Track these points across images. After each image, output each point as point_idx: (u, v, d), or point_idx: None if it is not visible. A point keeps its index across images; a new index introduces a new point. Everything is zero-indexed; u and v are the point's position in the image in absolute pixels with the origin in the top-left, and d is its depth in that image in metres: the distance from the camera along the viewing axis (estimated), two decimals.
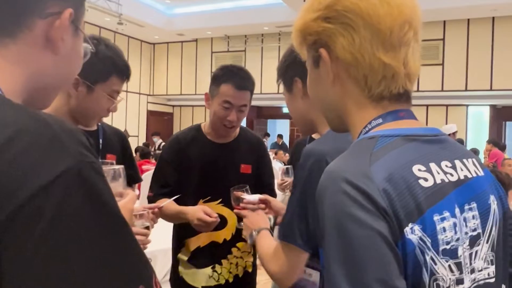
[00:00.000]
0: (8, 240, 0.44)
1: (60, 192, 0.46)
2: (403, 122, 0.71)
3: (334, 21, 0.71)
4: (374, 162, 0.63)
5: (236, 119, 1.75)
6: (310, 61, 0.80)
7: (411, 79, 0.73)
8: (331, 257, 0.60)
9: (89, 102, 1.33)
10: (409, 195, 0.62)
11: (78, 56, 0.66)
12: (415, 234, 0.61)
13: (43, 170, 0.46)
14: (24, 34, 0.57)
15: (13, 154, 0.46)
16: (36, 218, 0.44)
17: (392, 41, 0.69)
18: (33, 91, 0.60)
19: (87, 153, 0.50)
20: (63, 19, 0.59)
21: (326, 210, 0.62)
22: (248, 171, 1.84)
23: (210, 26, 10.74)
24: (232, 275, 1.81)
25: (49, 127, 0.49)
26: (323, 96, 0.79)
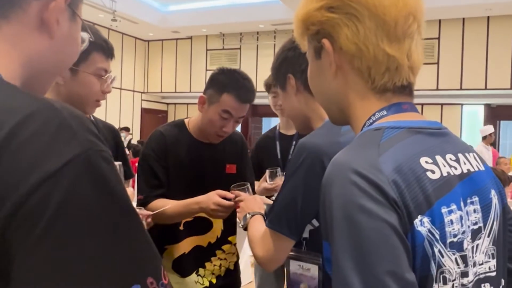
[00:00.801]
0: (17, 226, 0.44)
1: (68, 180, 0.45)
2: (407, 115, 0.71)
3: (338, 11, 0.70)
4: (383, 153, 0.63)
5: (231, 130, 1.69)
6: (311, 52, 0.78)
7: (415, 71, 0.72)
8: (340, 250, 0.58)
9: (77, 85, 1.29)
10: (418, 187, 0.61)
11: (75, 42, 0.64)
12: (424, 227, 0.60)
13: (52, 156, 0.45)
14: (17, 15, 0.56)
15: (22, 140, 0.45)
16: (44, 205, 0.44)
17: (396, 33, 0.69)
18: (30, 76, 0.58)
19: (96, 141, 0.49)
20: (58, 1, 0.57)
21: (334, 202, 0.60)
22: (233, 171, 1.79)
23: (205, 23, 10.69)
24: (215, 276, 1.77)
25: (58, 113, 0.48)
26: (324, 88, 0.77)
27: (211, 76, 1.70)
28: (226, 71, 1.68)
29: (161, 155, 1.68)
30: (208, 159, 1.73)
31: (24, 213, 0.44)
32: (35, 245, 0.44)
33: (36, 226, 0.44)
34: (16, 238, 0.44)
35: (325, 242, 0.64)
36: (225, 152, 1.78)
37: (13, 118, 0.46)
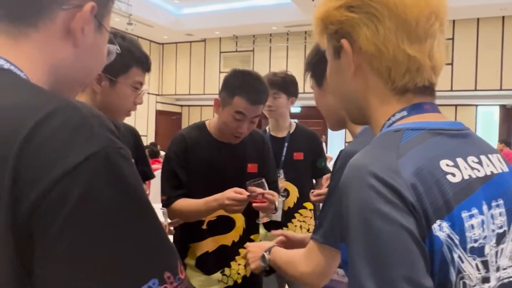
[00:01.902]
0: (39, 219, 0.45)
1: (87, 175, 0.46)
2: (428, 115, 0.69)
3: (358, 11, 0.68)
4: (402, 156, 0.61)
5: (246, 131, 1.71)
6: (330, 51, 0.77)
7: (437, 72, 0.70)
8: (356, 254, 0.57)
9: (114, 95, 1.35)
10: (438, 190, 0.60)
11: (100, 53, 0.66)
12: (443, 231, 0.59)
13: (72, 153, 0.46)
14: (45, 24, 0.58)
15: (44, 136, 0.47)
16: (63, 200, 0.45)
17: (418, 33, 0.67)
18: (55, 83, 0.61)
19: (114, 139, 0.50)
20: (84, 12, 0.59)
21: (351, 204, 0.59)
22: (254, 170, 1.81)
23: (218, 26, 10.79)
24: (240, 276, 1.78)
25: (78, 111, 0.50)
26: (343, 88, 0.76)
27: (224, 79, 1.74)
28: (238, 73, 1.72)
29: (182, 157, 1.73)
30: (229, 159, 1.76)
31: (45, 207, 0.45)
32: (54, 239, 0.45)
33: (56, 220, 0.45)
34: (37, 231, 0.45)
35: (343, 244, 0.63)
36: (246, 151, 1.80)
37: (36, 115, 0.48)
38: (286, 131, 2.46)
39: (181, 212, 1.67)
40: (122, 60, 1.30)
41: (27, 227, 0.45)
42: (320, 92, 1.24)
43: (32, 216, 0.45)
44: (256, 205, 1.64)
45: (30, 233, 0.45)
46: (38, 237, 0.45)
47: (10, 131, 0.47)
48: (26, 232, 0.45)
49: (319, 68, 1.21)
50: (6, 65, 0.55)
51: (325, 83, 1.20)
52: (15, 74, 0.55)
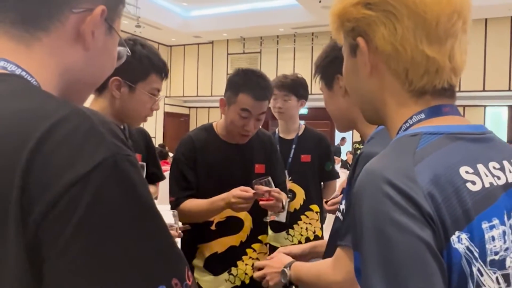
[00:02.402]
0: (48, 227, 0.45)
1: (97, 182, 0.46)
2: (447, 118, 0.66)
3: (375, 8, 0.65)
4: (418, 163, 0.58)
5: (253, 129, 1.72)
6: (346, 48, 0.74)
7: (457, 73, 0.66)
8: (369, 265, 0.55)
9: (133, 102, 1.38)
10: (456, 200, 0.57)
11: (110, 56, 0.66)
12: (462, 244, 0.56)
13: (81, 160, 0.46)
14: (56, 27, 0.58)
15: (54, 144, 0.47)
16: (73, 207, 0.45)
17: (438, 33, 0.64)
18: (66, 86, 0.61)
19: (122, 146, 0.50)
20: (94, 15, 0.59)
21: (364, 212, 0.57)
22: (262, 171, 1.81)
23: (226, 28, 10.85)
24: (248, 276, 1.78)
25: (87, 118, 0.50)
26: (359, 87, 0.74)
27: (228, 79, 1.77)
28: (241, 71, 1.74)
29: (190, 159, 1.74)
30: (236, 160, 1.77)
31: (55, 214, 0.45)
32: (64, 247, 0.45)
33: (66, 228, 0.45)
34: (47, 239, 0.45)
35: (356, 252, 0.60)
36: (253, 152, 1.81)
37: (46, 122, 0.47)
38: (294, 133, 2.48)
39: (189, 212, 1.68)
40: (141, 67, 1.36)
41: (37, 236, 0.45)
42: (329, 94, 1.23)
43: (42, 225, 0.45)
44: (262, 203, 1.66)
45: (40, 242, 0.45)
46: (47, 246, 0.45)
47: (19, 138, 0.47)
48: (36, 242, 0.45)
49: (329, 71, 1.21)
50: (18, 71, 0.55)
51: (335, 86, 1.20)
52: (26, 80, 0.55)
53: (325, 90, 1.25)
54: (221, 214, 1.72)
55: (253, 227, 1.81)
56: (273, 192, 1.65)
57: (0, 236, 0.46)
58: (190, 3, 10.47)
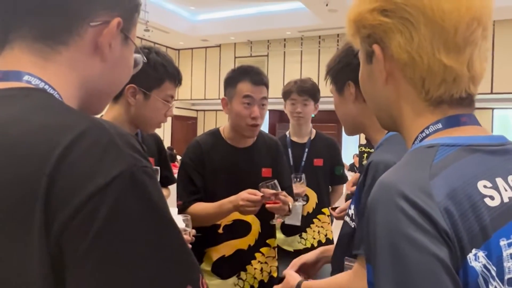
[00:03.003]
0: (69, 236, 0.47)
1: (114, 194, 0.48)
2: (465, 129, 0.64)
3: (392, 15, 0.64)
4: (435, 176, 0.56)
5: (259, 115, 1.75)
6: (363, 55, 0.73)
7: (476, 82, 0.64)
8: (383, 281, 0.54)
9: (147, 108, 1.42)
10: (474, 216, 0.55)
11: (127, 65, 0.69)
12: (479, 262, 0.54)
13: (100, 173, 0.48)
14: (75, 41, 0.60)
15: (75, 157, 0.49)
16: (92, 218, 0.47)
17: (456, 41, 0.62)
18: (85, 97, 0.64)
19: (139, 158, 0.52)
20: (111, 27, 0.62)
21: (378, 227, 0.55)
22: (269, 174, 1.83)
23: (233, 31, 10.91)
24: (257, 281, 1.79)
25: (106, 132, 0.52)
26: (375, 94, 0.73)
27: (224, 79, 1.84)
28: (234, 68, 1.84)
29: (198, 163, 1.77)
30: (243, 163, 1.80)
31: (75, 225, 0.47)
32: (83, 256, 0.47)
33: (85, 238, 0.47)
34: (68, 248, 0.47)
35: (369, 265, 0.59)
36: (260, 156, 1.84)
37: (67, 136, 0.49)
38: (307, 137, 2.52)
39: (197, 216, 1.69)
40: (156, 74, 1.40)
41: (59, 245, 0.47)
42: (340, 99, 1.24)
43: (64, 234, 0.47)
44: (269, 206, 1.68)
45: (61, 250, 0.47)
46: (68, 254, 0.47)
47: (44, 151, 0.49)
48: (58, 250, 0.47)
49: (340, 76, 1.22)
50: (41, 85, 0.58)
51: (345, 91, 1.21)
52: (49, 94, 0.58)
53: (336, 94, 1.26)
54: (228, 217, 1.74)
55: (261, 230, 1.82)
56: (280, 195, 1.67)
57: (26, 241, 0.48)
58: (198, 7, 10.55)
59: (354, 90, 1.19)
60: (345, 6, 8.31)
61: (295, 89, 2.42)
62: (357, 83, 1.14)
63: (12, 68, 0.59)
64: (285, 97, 2.50)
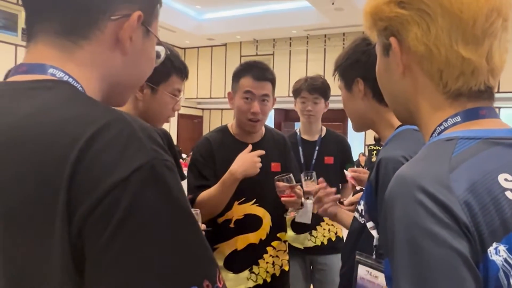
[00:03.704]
0: (90, 226, 0.48)
1: (135, 186, 0.49)
2: (484, 122, 0.63)
3: (408, 7, 0.63)
4: (454, 169, 0.56)
5: (259, 111, 1.75)
6: (379, 47, 0.72)
7: (495, 74, 0.63)
8: (402, 276, 0.53)
9: (155, 103, 1.44)
10: (494, 209, 0.54)
11: (148, 57, 0.69)
12: (499, 255, 0.53)
13: (122, 164, 0.49)
14: (96, 35, 0.61)
15: (98, 148, 0.50)
16: (113, 209, 0.48)
17: (474, 32, 0.60)
18: (108, 89, 0.65)
19: (160, 151, 0.53)
20: (131, 21, 0.62)
21: (397, 221, 0.55)
22: (278, 169, 1.86)
23: (239, 30, 10.92)
24: (269, 274, 1.81)
25: (128, 125, 0.53)
26: (391, 87, 0.72)
27: (232, 75, 1.86)
28: (241, 63, 1.85)
29: (209, 159, 1.79)
30: None
31: (96, 216, 0.48)
32: (103, 247, 0.48)
33: (106, 229, 0.48)
34: (89, 238, 0.48)
35: (386, 259, 0.58)
36: (269, 151, 1.83)
37: (90, 128, 0.50)
38: (317, 135, 2.52)
39: (204, 202, 1.69)
40: (163, 68, 1.39)
41: (80, 234, 0.48)
42: (348, 95, 1.25)
43: (85, 225, 0.48)
44: (284, 199, 1.71)
45: (83, 240, 0.48)
46: (89, 244, 0.48)
47: (67, 142, 0.50)
48: (80, 239, 0.48)
49: (348, 73, 1.23)
50: (65, 77, 0.59)
51: (354, 88, 1.22)
52: (73, 86, 0.59)
53: (344, 91, 1.26)
54: (239, 211, 1.76)
55: (272, 225, 1.84)
56: (295, 188, 1.69)
57: (48, 231, 0.49)
58: (204, 6, 10.57)
59: (363, 87, 1.20)
60: (351, 4, 8.30)
61: (305, 87, 2.42)
62: (366, 80, 1.18)
63: (37, 62, 0.60)
64: (296, 95, 2.49)
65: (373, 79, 1.14)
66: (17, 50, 8.67)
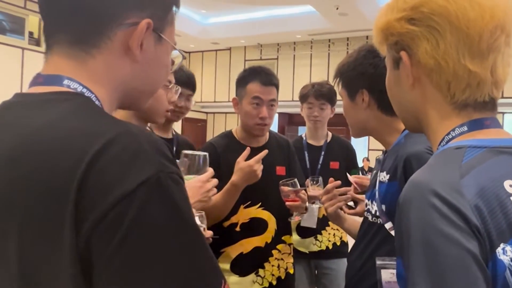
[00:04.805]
0: (97, 237, 0.49)
1: (141, 200, 0.50)
2: (489, 132, 0.68)
3: (419, 24, 0.68)
4: (465, 176, 0.60)
5: (267, 116, 1.78)
6: (389, 61, 0.77)
7: (498, 86, 0.68)
8: (417, 274, 0.57)
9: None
10: (501, 212, 0.58)
11: (162, 63, 0.69)
12: (506, 255, 0.57)
13: (128, 178, 0.50)
14: (106, 44, 0.61)
15: (105, 161, 0.51)
16: (119, 221, 0.49)
17: (480, 47, 0.65)
18: (123, 96, 0.66)
19: (167, 164, 0.54)
20: (139, 29, 0.62)
21: (412, 223, 0.58)
22: (283, 172, 1.87)
23: (243, 34, 10.96)
24: (275, 277, 1.82)
25: (135, 138, 0.53)
26: (401, 98, 0.76)
27: (236, 80, 1.87)
28: (245, 69, 1.88)
29: (214, 164, 1.78)
30: None
31: (103, 227, 0.49)
32: (110, 256, 0.49)
33: (112, 240, 0.49)
34: (96, 248, 0.49)
35: (399, 258, 0.62)
36: (273, 155, 1.84)
37: (98, 142, 0.51)
38: (323, 140, 2.54)
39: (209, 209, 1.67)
40: None
41: (88, 244, 0.49)
42: (351, 104, 1.26)
43: (92, 234, 0.49)
44: (289, 204, 1.72)
45: (90, 249, 0.49)
46: (96, 254, 0.49)
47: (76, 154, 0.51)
48: (87, 248, 0.49)
49: (353, 83, 1.24)
50: (79, 88, 0.60)
51: (357, 98, 1.23)
52: (86, 97, 0.60)
53: (346, 99, 1.28)
54: (245, 215, 1.78)
55: (277, 228, 1.85)
56: (300, 192, 1.71)
57: (58, 238, 0.50)
58: (209, 10, 10.63)
59: (367, 98, 1.22)
60: (355, 10, 8.33)
61: (312, 92, 2.44)
62: (371, 91, 1.21)
63: (52, 73, 0.62)
64: (302, 100, 2.52)
65: (379, 91, 1.16)
66: (24, 54, 8.75)
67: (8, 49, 8.46)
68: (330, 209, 1.53)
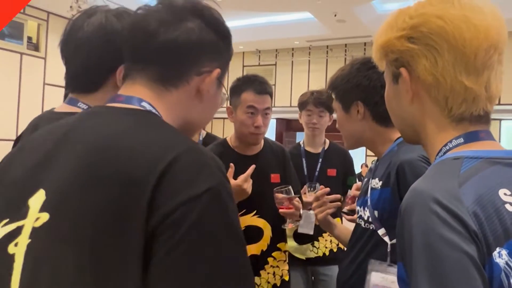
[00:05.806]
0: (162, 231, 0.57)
1: (203, 204, 0.58)
2: (484, 143, 0.72)
3: (418, 42, 0.72)
4: (463, 184, 0.64)
5: (262, 124, 1.81)
6: (389, 76, 0.81)
7: (492, 101, 0.73)
8: (419, 277, 0.60)
9: None
10: (497, 219, 0.62)
11: (216, 103, 0.82)
12: (502, 259, 0.61)
13: (195, 185, 0.59)
14: (183, 85, 0.75)
15: (177, 169, 0.60)
16: (182, 219, 0.57)
17: (476, 65, 0.69)
18: (182, 126, 0.77)
19: (223, 178, 0.64)
20: (212, 77, 0.76)
21: (414, 229, 0.62)
22: (277, 180, 1.89)
23: (242, 40, 10.98)
24: (270, 285, 1.85)
25: (202, 154, 0.65)
26: (400, 111, 0.80)
27: (229, 88, 1.88)
28: (239, 77, 1.89)
29: None
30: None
31: (169, 223, 0.57)
32: (170, 248, 0.56)
33: (174, 234, 0.56)
34: (159, 240, 0.56)
35: (400, 263, 0.66)
36: (268, 162, 1.89)
37: (173, 152, 0.61)
38: (321, 147, 2.56)
39: None
40: None
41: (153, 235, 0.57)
42: (345, 116, 1.29)
43: (158, 228, 0.57)
44: (282, 211, 1.73)
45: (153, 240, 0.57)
46: (158, 245, 0.57)
47: (153, 161, 0.60)
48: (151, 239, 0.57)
49: (348, 95, 1.27)
50: (149, 107, 0.72)
51: (352, 110, 1.26)
52: (159, 116, 0.72)
53: (340, 111, 1.30)
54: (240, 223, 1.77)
55: (273, 235, 1.86)
56: (294, 200, 1.72)
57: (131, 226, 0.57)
58: None
59: (363, 110, 1.24)
60: (353, 16, 8.38)
61: (311, 100, 2.46)
62: (366, 103, 1.24)
63: (133, 95, 0.73)
64: (301, 107, 2.54)
65: (374, 103, 1.20)
66: (22, 59, 8.76)
67: (6, 54, 8.46)
68: (320, 216, 1.56)
